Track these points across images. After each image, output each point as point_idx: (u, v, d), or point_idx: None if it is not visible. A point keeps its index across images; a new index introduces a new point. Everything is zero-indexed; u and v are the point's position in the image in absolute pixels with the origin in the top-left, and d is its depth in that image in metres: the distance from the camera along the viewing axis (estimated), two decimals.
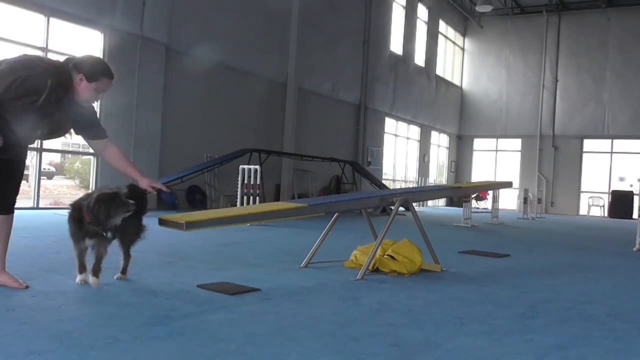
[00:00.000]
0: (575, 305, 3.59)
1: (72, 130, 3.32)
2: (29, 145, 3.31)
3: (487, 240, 8.23)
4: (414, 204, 4.62)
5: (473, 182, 7.58)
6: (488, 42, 24.24)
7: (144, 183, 3.36)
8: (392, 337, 2.60)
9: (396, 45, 19.90)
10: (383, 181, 17.43)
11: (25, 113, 3.00)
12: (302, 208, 3.97)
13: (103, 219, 3.12)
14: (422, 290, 3.83)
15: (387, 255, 4.49)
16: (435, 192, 5.24)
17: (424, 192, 5.10)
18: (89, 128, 3.37)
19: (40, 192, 9.47)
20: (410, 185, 20.24)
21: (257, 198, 8.81)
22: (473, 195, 15.10)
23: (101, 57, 3.31)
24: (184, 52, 11.62)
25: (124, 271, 3.58)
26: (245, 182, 9.05)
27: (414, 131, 21.74)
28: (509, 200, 21.91)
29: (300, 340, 2.47)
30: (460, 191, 5.42)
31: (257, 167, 8.98)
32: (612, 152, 21.74)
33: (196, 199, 11.79)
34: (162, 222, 3.45)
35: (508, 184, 5.80)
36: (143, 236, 3.60)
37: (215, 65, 12.33)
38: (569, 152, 22.27)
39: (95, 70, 3.16)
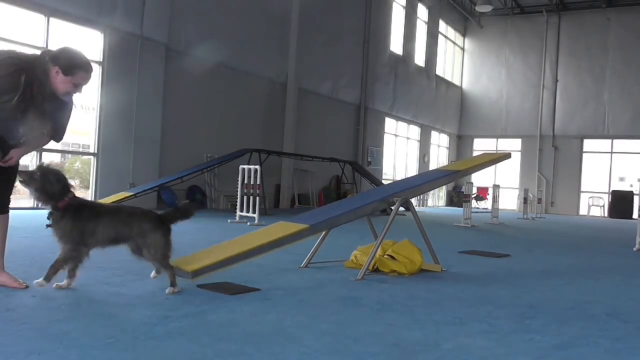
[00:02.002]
0: (575, 305, 3.58)
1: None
2: None
3: (487, 240, 8.24)
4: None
5: (466, 160, 7.43)
6: (488, 42, 24.24)
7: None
8: (392, 337, 2.60)
9: (396, 45, 19.90)
10: (383, 181, 17.42)
11: (4, 112, 2.96)
12: (305, 230, 4.00)
13: None
14: (422, 290, 3.83)
15: (387, 255, 4.49)
16: (432, 181, 5.19)
17: (423, 185, 5.07)
18: (54, 127, 3.18)
19: None
20: None
21: (257, 198, 8.82)
22: (473, 195, 15.09)
23: (80, 50, 3.12)
24: (184, 52, 11.62)
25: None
26: (245, 182, 9.06)
27: (414, 131, 21.73)
28: (509, 200, 21.93)
29: (300, 340, 2.47)
30: (459, 174, 5.37)
31: (257, 167, 8.97)
32: (612, 152, 21.74)
33: (196, 198, 11.79)
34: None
35: (507, 156, 5.70)
36: None
37: (216, 65, 12.33)
38: (569, 152, 22.26)
39: (71, 64, 3.03)
